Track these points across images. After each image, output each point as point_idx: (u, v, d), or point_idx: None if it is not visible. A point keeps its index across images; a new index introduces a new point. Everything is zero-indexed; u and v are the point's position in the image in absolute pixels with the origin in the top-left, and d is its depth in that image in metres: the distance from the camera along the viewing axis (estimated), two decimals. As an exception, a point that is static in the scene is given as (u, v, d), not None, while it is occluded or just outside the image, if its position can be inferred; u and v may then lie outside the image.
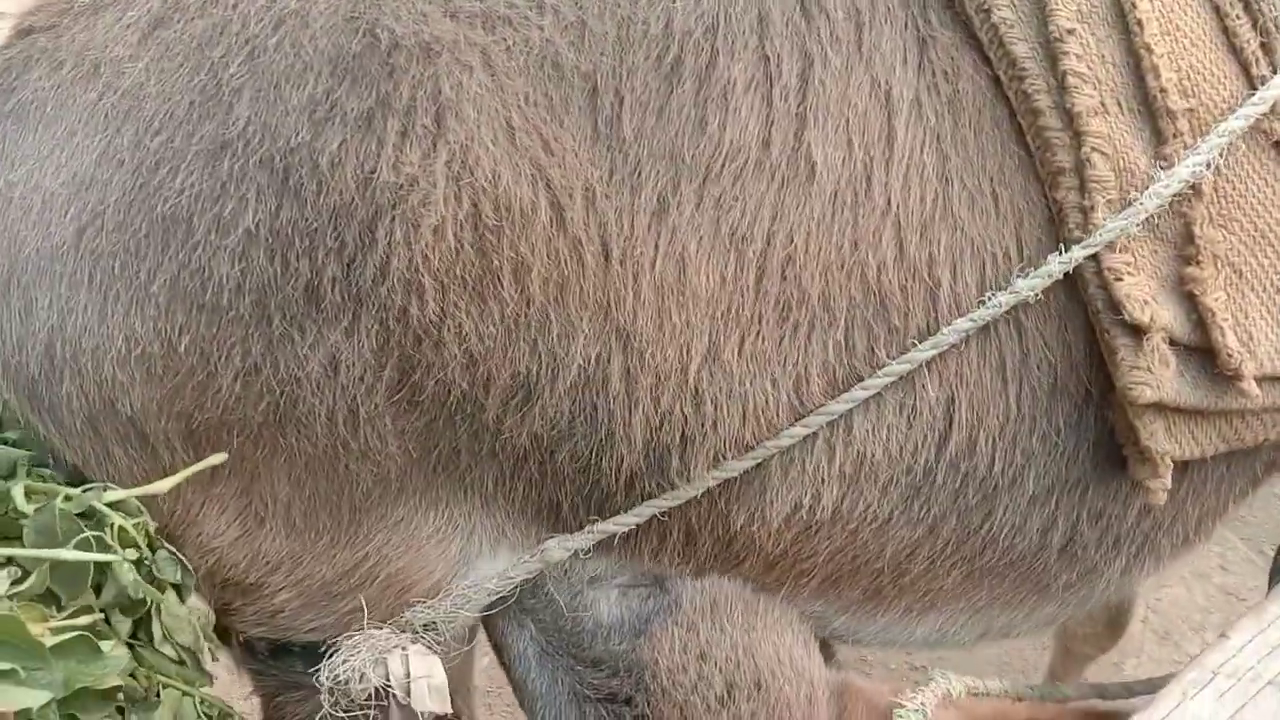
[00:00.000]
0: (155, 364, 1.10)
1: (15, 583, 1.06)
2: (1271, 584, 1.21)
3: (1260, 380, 1.23)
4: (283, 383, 1.11)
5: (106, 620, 1.15)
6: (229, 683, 1.42)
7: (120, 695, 1.12)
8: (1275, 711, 1.06)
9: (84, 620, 1.11)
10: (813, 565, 1.31)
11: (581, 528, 1.29)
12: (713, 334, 1.19)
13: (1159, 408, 1.23)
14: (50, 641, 1.07)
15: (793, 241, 1.20)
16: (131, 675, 1.15)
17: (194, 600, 1.21)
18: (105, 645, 1.11)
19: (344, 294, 1.09)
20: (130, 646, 1.18)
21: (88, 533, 1.10)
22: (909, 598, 1.37)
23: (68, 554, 1.03)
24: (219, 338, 1.09)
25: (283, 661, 1.33)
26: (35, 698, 0.99)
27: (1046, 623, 1.48)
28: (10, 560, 1.07)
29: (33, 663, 0.99)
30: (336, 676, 1.25)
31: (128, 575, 1.09)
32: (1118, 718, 1.05)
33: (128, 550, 1.11)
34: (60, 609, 1.13)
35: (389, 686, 1.26)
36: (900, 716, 1.13)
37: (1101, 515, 1.33)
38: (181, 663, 1.19)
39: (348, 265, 1.09)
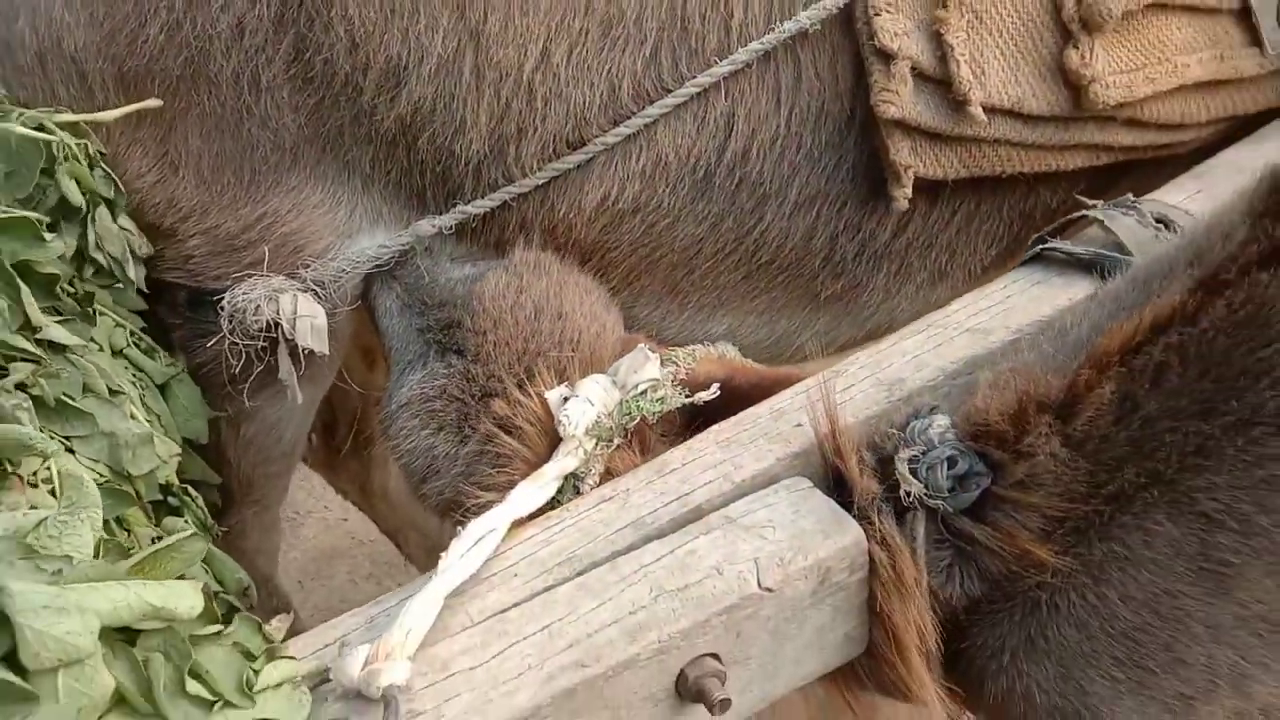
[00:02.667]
0: (97, 8, 1.39)
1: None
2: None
3: (990, 111, 1.51)
4: (199, 38, 1.40)
5: (49, 227, 1.42)
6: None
7: (60, 293, 1.39)
8: (967, 347, 1.31)
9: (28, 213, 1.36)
10: (619, 256, 1.62)
11: (442, 213, 1.59)
12: (547, 41, 1.48)
13: (905, 127, 1.52)
14: (-5, 218, 1.31)
15: None
16: (72, 297, 1.42)
17: (125, 220, 1.47)
18: (48, 236, 1.38)
19: None
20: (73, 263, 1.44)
21: (39, 136, 1.35)
22: (701, 294, 1.68)
23: (16, 128, 1.30)
24: None
25: (198, 312, 1.62)
26: (-22, 249, 1.23)
27: (827, 339, 1.77)
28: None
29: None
30: (236, 305, 1.55)
31: (67, 177, 1.36)
32: None
33: (71, 164, 1.39)
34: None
35: (278, 320, 1.56)
36: (669, 353, 1.39)
37: (859, 230, 1.63)
38: (111, 274, 1.47)
39: None
